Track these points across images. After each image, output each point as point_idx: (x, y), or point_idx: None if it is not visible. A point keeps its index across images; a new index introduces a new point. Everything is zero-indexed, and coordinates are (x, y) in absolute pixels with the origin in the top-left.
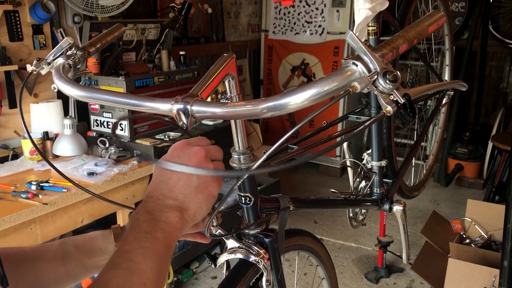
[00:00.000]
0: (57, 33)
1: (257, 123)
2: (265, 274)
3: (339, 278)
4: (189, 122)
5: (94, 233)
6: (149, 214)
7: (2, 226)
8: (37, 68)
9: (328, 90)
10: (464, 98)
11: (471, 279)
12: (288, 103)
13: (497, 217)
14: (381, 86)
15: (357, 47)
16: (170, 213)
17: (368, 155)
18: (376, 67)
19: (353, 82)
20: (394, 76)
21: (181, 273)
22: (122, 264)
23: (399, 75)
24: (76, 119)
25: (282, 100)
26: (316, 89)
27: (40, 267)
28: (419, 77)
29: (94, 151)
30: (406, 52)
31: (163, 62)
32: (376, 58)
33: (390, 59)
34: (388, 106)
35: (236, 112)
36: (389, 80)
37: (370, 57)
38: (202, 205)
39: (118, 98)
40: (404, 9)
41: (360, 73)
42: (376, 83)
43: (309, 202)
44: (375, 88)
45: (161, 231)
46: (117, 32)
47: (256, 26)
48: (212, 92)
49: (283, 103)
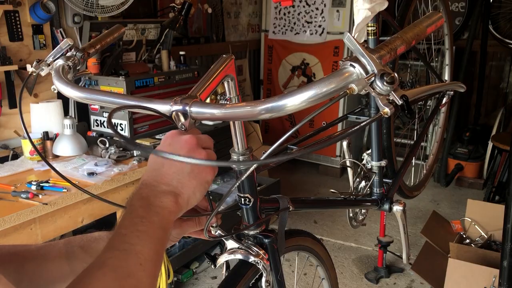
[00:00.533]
0: (57, 33)
1: (257, 123)
2: (265, 274)
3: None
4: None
5: (99, 234)
6: (144, 199)
7: (2, 226)
8: (36, 70)
9: (326, 92)
10: (464, 98)
11: (471, 279)
12: (286, 105)
13: (497, 217)
14: (378, 88)
15: (354, 48)
16: (164, 198)
17: (368, 155)
18: (374, 69)
19: (351, 84)
20: (391, 78)
21: (181, 273)
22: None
23: (396, 77)
24: (76, 119)
25: (280, 102)
26: (314, 91)
27: (44, 265)
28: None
29: (94, 151)
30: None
31: (163, 62)
32: (373, 60)
33: (388, 61)
34: (385, 107)
35: (234, 114)
36: (387, 82)
37: (367, 59)
38: (195, 191)
39: (117, 99)
40: (403, 9)
41: (358, 74)
42: (374, 84)
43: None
44: (373, 90)
45: (156, 215)
46: (117, 33)
47: (256, 26)
48: (211, 93)
49: (281, 105)
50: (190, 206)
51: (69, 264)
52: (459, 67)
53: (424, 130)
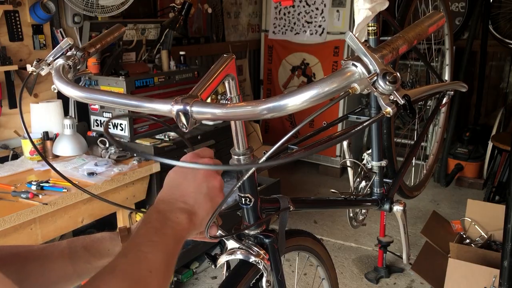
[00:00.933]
0: (57, 33)
1: (257, 123)
2: (265, 274)
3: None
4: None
5: (102, 234)
6: (160, 213)
7: (2, 226)
8: (37, 69)
9: (328, 92)
10: (464, 98)
11: (471, 279)
12: (287, 105)
13: (497, 217)
14: (380, 87)
15: (356, 48)
16: (180, 215)
17: (368, 155)
18: (376, 68)
19: (353, 83)
20: (394, 77)
21: (181, 273)
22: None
23: (399, 76)
24: (76, 119)
25: (281, 102)
26: (316, 90)
27: (47, 266)
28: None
29: (94, 151)
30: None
31: (163, 62)
32: (376, 59)
33: (390, 60)
34: (387, 107)
35: (235, 113)
36: (389, 81)
37: (370, 58)
38: (209, 212)
39: (118, 99)
40: (404, 9)
41: (360, 74)
42: (376, 84)
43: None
44: (375, 89)
45: (170, 229)
46: (117, 32)
47: (256, 26)
48: (212, 93)
49: (283, 104)
50: (202, 229)
51: (72, 265)
52: (459, 67)
53: (424, 130)
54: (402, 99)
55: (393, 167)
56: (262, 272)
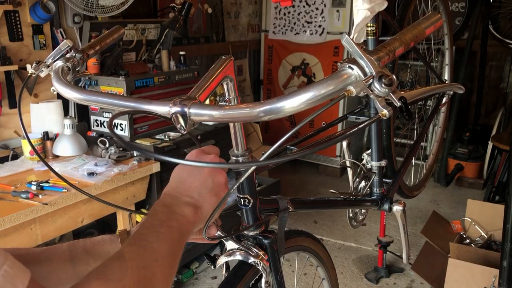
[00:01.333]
0: (57, 33)
1: (257, 123)
2: (264, 275)
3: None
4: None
5: (102, 237)
6: (166, 207)
7: (2, 226)
8: (36, 71)
9: (324, 94)
10: (464, 98)
11: (471, 279)
12: (284, 107)
13: (497, 217)
14: (376, 90)
15: (352, 50)
16: (186, 208)
17: (367, 155)
18: (372, 70)
19: (349, 86)
20: (389, 80)
21: (181, 273)
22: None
23: (394, 79)
24: (76, 119)
25: (278, 104)
26: (313, 93)
27: (48, 268)
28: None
29: (94, 151)
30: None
31: (163, 62)
32: (372, 62)
33: (386, 62)
34: (384, 109)
35: (233, 115)
36: (385, 84)
37: (365, 61)
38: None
39: (117, 100)
40: (403, 9)
41: (356, 76)
42: (372, 86)
43: (308, 203)
44: (371, 92)
45: (176, 221)
46: (116, 34)
47: (256, 26)
48: (210, 94)
49: (279, 107)
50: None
51: (73, 267)
52: (459, 67)
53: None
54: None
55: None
56: (261, 272)
